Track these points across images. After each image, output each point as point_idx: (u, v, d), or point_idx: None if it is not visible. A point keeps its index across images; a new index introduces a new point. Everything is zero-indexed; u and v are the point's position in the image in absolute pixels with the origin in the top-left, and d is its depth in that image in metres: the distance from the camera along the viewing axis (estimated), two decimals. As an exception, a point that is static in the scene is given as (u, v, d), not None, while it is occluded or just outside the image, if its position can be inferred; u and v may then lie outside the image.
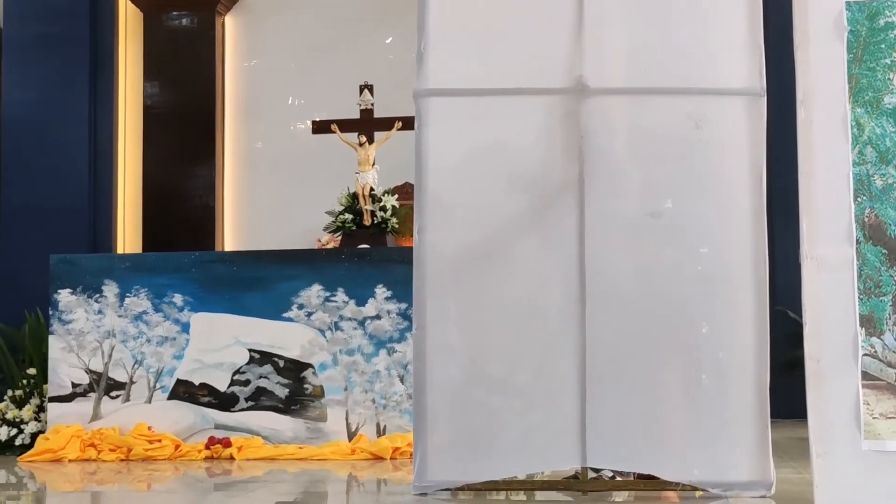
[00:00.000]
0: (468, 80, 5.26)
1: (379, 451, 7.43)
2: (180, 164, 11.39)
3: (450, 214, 5.23)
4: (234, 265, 8.02)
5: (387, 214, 9.15)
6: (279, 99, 11.62)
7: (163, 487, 6.47)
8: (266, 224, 11.40)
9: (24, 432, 8.07)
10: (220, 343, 7.88)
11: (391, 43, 11.45)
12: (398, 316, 7.70)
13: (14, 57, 11.28)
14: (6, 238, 11.07)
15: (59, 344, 8.00)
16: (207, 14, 11.49)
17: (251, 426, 7.77)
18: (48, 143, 11.05)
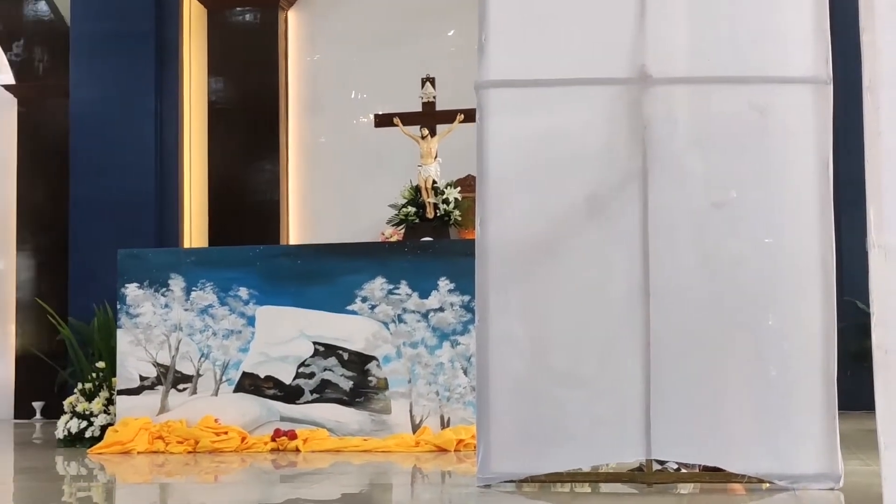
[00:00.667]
0: (530, 71, 5.23)
1: (443, 443, 7.44)
2: (245, 158, 11.48)
3: (512, 205, 5.21)
4: (298, 259, 8.07)
5: (449, 207, 9.14)
6: (342, 93, 11.67)
7: (229, 479, 6.53)
8: (329, 218, 11.47)
9: (93, 425, 8.18)
10: (285, 336, 7.93)
11: (453, 35, 11.45)
12: (461, 308, 7.70)
13: (81, 55, 11.44)
14: (75, 233, 11.23)
15: (128, 338, 8.10)
16: (270, 9, 11.56)
17: (316, 418, 7.81)
18: (115, 139, 11.20)
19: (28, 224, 12.02)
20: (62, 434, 8.26)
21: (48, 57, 12.11)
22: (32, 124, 12.11)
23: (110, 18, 11.34)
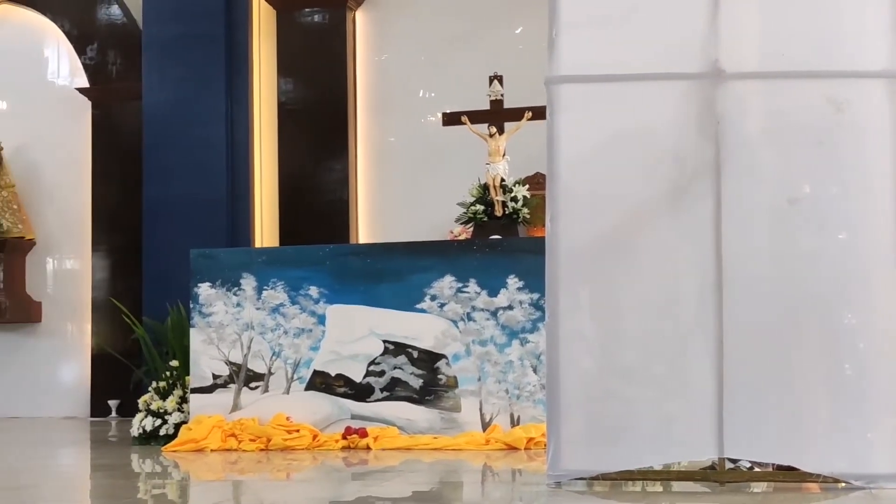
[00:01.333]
0: (600, 67, 5.20)
1: (513, 441, 7.44)
2: (314, 158, 11.56)
3: (582, 202, 5.18)
4: (367, 257, 8.11)
5: (518, 205, 9.13)
6: (410, 92, 11.71)
7: (301, 477, 6.57)
8: (398, 216, 11.51)
9: (167, 423, 8.28)
10: (355, 334, 7.97)
11: (521, 33, 11.44)
12: (530, 306, 7.69)
13: (153, 58, 11.59)
14: (149, 234, 11.38)
15: (200, 336, 8.19)
16: (339, 10, 11.63)
17: (386, 416, 7.84)
18: (187, 140, 11.33)
19: (103, 225, 12.19)
20: (137, 432, 8.36)
21: (121, 60, 12.28)
22: (106, 127, 12.27)
23: (181, 21, 11.47)
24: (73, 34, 12.49)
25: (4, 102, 12.77)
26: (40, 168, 12.58)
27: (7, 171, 12.40)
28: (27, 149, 12.57)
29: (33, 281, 12.53)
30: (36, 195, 12.57)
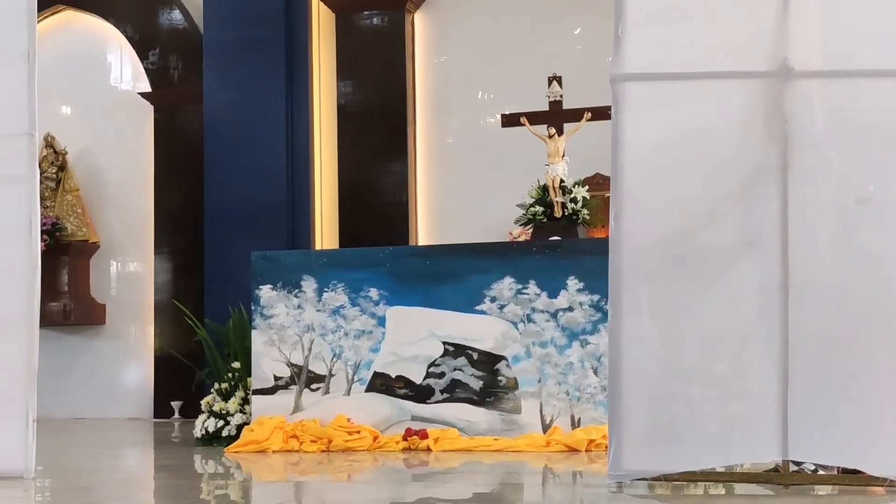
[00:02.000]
0: (666, 65, 5.15)
1: (574, 443, 7.41)
2: (374, 160, 11.59)
3: (646, 202, 5.15)
4: (427, 259, 8.12)
5: (578, 206, 9.10)
6: (469, 94, 11.72)
7: (362, 478, 6.60)
8: (457, 218, 11.52)
9: (230, 424, 8.34)
10: (415, 336, 7.98)
11: (579, 33, 11.41)
12: (591, 308, 7.66)
13: (214, 61, 11.69)
14: (210, 236, 11.47)
15: (262, 338, 8.25)
16: (397, 12, 11.66)
17: (447, 418, 7.85)
18: (248, 143, 11.41)
19: (165, 228, 12.31)
20: (200, 433, 8.44)
21: (182, 64, 12.40)
22: (168, 130, 12.40)
23: (242, 25, 11.56)
24: (135, 39, 12.63)
25: (69, 107, 12.94)
26: (104, 172, 12.74)
27: (71, 176, 12.57)
28: (91, 153, 12.73)
29: (97, 284, 12.69)
30: (100, 199, 12.73)
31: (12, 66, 6.39)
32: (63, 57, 12.57)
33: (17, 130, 6.37)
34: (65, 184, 12.51)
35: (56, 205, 12.37)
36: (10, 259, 6.32)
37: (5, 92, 6.41)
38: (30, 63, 6.38)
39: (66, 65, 12.62)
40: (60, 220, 12.30)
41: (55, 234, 12.08)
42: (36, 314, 6.29)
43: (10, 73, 6.39)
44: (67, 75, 12.61)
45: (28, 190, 6.35)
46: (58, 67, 12.19)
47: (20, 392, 6.23)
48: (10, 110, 6.39)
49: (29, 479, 6.17)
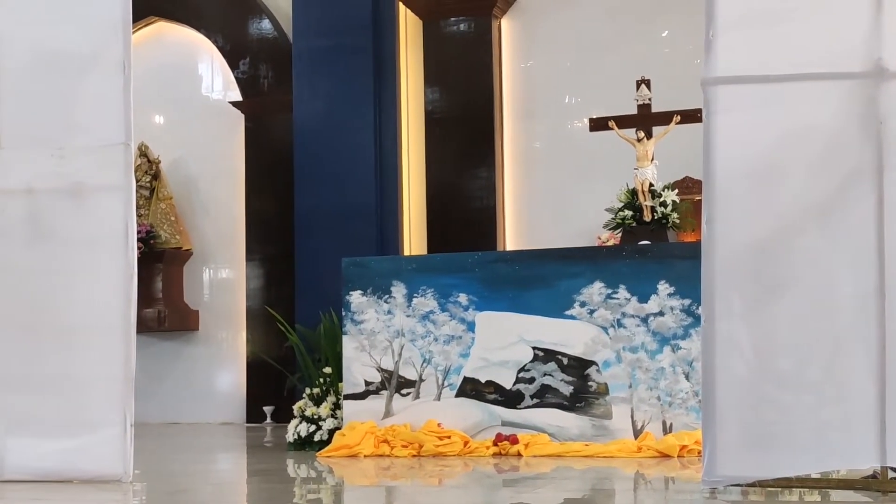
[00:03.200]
0: (758, 67, 5.10)
1: (665, 448, 7.36)
2: (461, 166, 11.62)
3: (738, 205, 5.11)
4: (516, 264, 8.12)
5: (667, 210, 9.03)
6: (556, 98, 11.69)
7: (453, 483, 6.62)
8: (545, 222, 11.49)
9: (321, 429, 8.41)
10: (504, 341, 7.98)
11: (667, 36, 11.32)
12: (682, 312, 7.60)
13: (303, 70, 11.80)
14: (301, 243, 11.58)
15: (352, 343, 8.32)
16: (484, 18, 11.67)
17: (537, 423, 7.84)
18: (337, 151, 11.50)
19: (256, 235, 12.46)
20: (292, 437, 8.52)
21: (272, 73, 12.53)
22: (258, 139, 12.54)
23: (330, 34, 11.66)
24: (226, 49, 12.80)
25: (162, 117, 13.17)
26: (196, 180, 12.92)
27: (165, 184, 12.77)
28: (184, 162, 12.93)
29: (190, 290, 12.88)
30: (192, 207, 12.92)
31: (108, 77, 6.53)
32: (156, 67, 12.78)
33: (114, 140, 6.50)
34: (158, 192, 12.71)
35: (150, 213, 12.58)
36: (108, 267, 6.46)
37: (102, 103, 6.55)
38: (125, 74, 6.51)
39: (159, 75, 12.83)
40: (154, 228, 12.50)
41: (150, 242, 12.28)
42: (133, 321, 6.41)
43: (107, 83, 6.53)
44: (160, 85, 12.81)
45: (124, 199, 6.48)
46: (151, 78, 12.38)
47: (118, 397, 6.35)
48: (106, 121, 6.52)
49: (127, 482, 6.29)
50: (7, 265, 6.64)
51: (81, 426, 6.43)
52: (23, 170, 6.67)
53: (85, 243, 6.57)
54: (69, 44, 6.67)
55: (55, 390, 6.50)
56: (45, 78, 6.72)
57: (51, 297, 6.58)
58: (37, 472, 6.46)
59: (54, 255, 6.62)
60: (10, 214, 6.68)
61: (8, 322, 6.60)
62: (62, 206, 6.63)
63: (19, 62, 6.72)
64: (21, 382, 6.55)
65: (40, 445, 6.48)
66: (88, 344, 6.47)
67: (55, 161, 6.62)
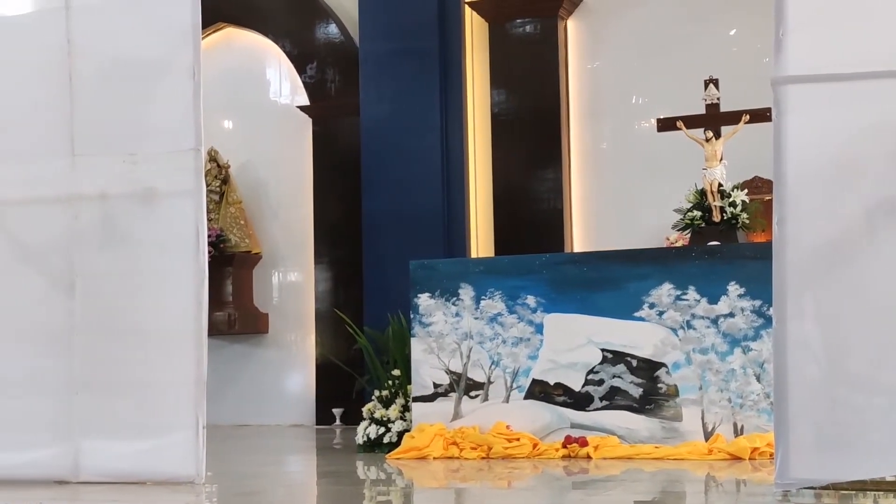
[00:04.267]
0: (829, 65, 5.04)
1: (737, 451, 7.29)
2: (528, 168, 11.60)
3: (810, 205, 5.05)
4: (584, 266, 8.10)
5: (737, 210, 8.94)
6: (623, 98, 11.63)
7: (522, 485, 6.61)
8: (613, 224, 11.44)
9: (390, 431, 8.45)
10: (573, 343, 7.96)
11: (735, 35, 11.22)
12: (752, 313, 7.53)
13: (370, 74, 11.85)
14: (368, 246, 11.63)
15: (421, 346, 8.34)
16: (550, 19, 11.65)
17: (606, 425, 7.81)
18: (404, 153, 11.54)
19: (324, 238, 12.53)
20: (362, 439, 8.56)
21: (339, 77, 12.60)
22: (326, 143, 12.61)
23: (396, 37, 11.70)
24: (293, 54, 12.90)
25: (230, 122, 13.29)
26: (265, 184, 13.03)
27: (234, 188, 12.89)
28: (252, 166, 13.04)
29: (260, 293, 12.98)
30: (261, 211, 13.02)
31: (179, 83, 6.61)
32: (225, 73, 12.90)
33: (184, 146, 6.59)
34: (228, 196, 12.83)
35: (220, 217, 12.70)
36: (179, 271, 6.54)
37: (173, 108, 6.63)
38: (195, 80, 6.59)
39: (228, 80, 12.95)
40: (224, 232, 12.62)
41: (219, 246, 12.40)
42: (204, 324, 6.48)
43: (177, 89, 6.61)
44: (229, 91, 12.93)
45: (195, 203, 6.56)
46: (220, 83, 12.50)
47: (191, 400, 6.43)
48: (177, 126, 6.61)
49: (199, 484, 6.36)
50: (81, 270, 6.76)
51: (155, 428, 6.52)
52: (96, 175, 6.78)
53: (157, 248, 6.66)
54: (140, 50, 6.77)
55: (129, 393, 6.60)
56: (117, 85, 6.82)
57: (124, 301, 6.68)
58: (111, 473, 6.56)
59: (127, 260, 6.73)
60: (84, 220, 6.79)
61: (83, 326, 6.71)
62: (135, 211, 6.72)
63: (92, 69, 6.84)
64: (96, 385, 6.66)
65: (115, 448, 6.58)
66: (161, 347, 6.56)
67: (128, 167, 6.72)
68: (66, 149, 6.81)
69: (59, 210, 6.82)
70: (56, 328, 6.76)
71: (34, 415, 6.77)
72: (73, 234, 6.79)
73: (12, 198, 6.92)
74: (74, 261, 6.77)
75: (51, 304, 6.79)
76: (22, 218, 6.92)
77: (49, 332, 6.78)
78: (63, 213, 6.81)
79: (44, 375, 6.77)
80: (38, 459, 6.71)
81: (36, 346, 6.81)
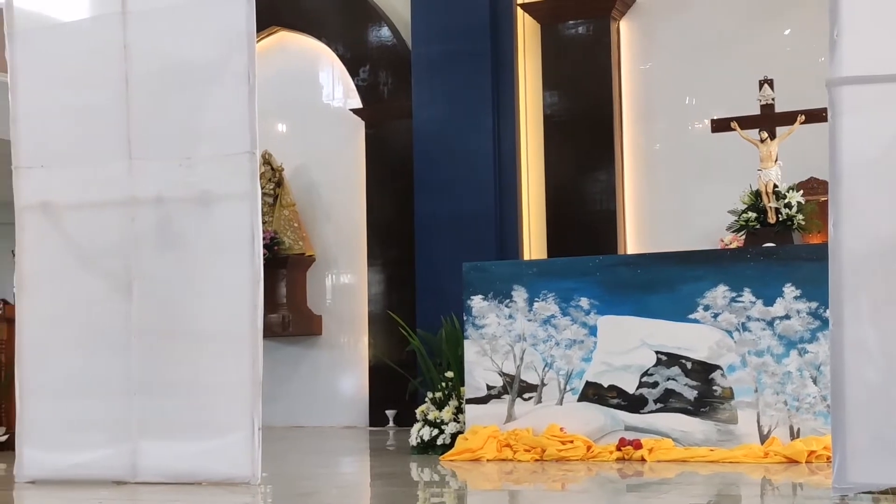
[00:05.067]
0: (885, 66, 4.99)
1: (793, 454, 7.23)
2: (580, 169, 11.58)
3: (866, 207, 5.00)
4: (637, 268, 8.06)
5: (792, 211, 8.87)
6: (676, 99, 11.58)
7: (577, 488, 6.60)
8: (667, 225, 11.39)
9: (444, 433, 8.45)
10: (626, 345, 7.93)
11: (789, 35, 11.13)
12: (809, 315, 7.46)
13: (422, 76, 11.89)
14: (421, 248, 11.66)
15: (474, 348, 8.34)
16: (602, 20, 11.62)
17: (660, 428, 7.77)
18: (456, 156, 11.56)
19: (377, 240, 12.58)
20: (415, 441, 8.58)
21: (391, 80, 12.65)
22: (379, 145, 12.66)
23: (448, 40, 11.72)
24: (346, 57, 12.96)
25: (284, 125, 13.38)
26: (318, 187, 13.11)
27: (288, 191, 12.97)
28: (306, 169, 13.12)
29: (313, 295, 13.06)
30: (314, 213, 13.10)
31: (234, 87, 6.66)
32: (278, 76, 12.99)
33: (240, 149, 6.63)
34: (282, 199, 12.92)
35: (274, 220, 12.78)
36: (235, 273, 6.59)
37: (227, 112, 6.69)
38: (250, 84, 6.63)
39: (281, 84, 13.04)
40: (278, 234, 12.71)
41: (273, 249, 12.48)
42: (259, 326, 6.52)
43: (232, 93, 6.66)
44: (282, 94, 13.02)
45: (250, 206, 6.60)
46: (273, 86, 12.58)
47: (246, 401, 6.47)
48: (232, 130, 6.66)
49: (255, 484, 6.40)
50: (138, 272, 6.83)
51: (211, 429, 6.57)
52: (152, 179, 6.84)
53: (212, 250, 6.72)
54: (195, 55, 6.83)
55: (186, 394, 6.66)
56: (172, 89, 6.89)
57: (180, 303, 6.74)
58: (169, 474, 6.63)
59: (183, 262, 6.79)
60: (140, 223, 6.86)
61: (140, 328, 6.78)
62: (190, 214, 6.78)
63: (148, 74, 6.91)
64: (154, 387, 6.73)
65: (172, 448, 6.65)
66: (217, 349, 6.62)
67: (183, 170, 6.78)
68: (124, 153, 6.89)
69: (116, 213, 6.90)
70: (114, 330, 6.84)
71: (93, 416, 6.86)
72: (130, 237, 6.87)
73: (71, 201, 7.01)
74: (131, 263, 6.85)
75: (109, 306, 6.87)
76: (80, 221, 7.01)
77: (107, 334, 6.86)
78: (120, 216, 6.89)
79: (102, 377, 6.85)
80: (98, 460, 6.79)
81: (95, 347, 6.89)
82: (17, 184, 7.15)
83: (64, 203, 7.03)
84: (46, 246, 7.07)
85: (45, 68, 7.16)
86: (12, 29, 7.19)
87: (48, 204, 7.06)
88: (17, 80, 7.17)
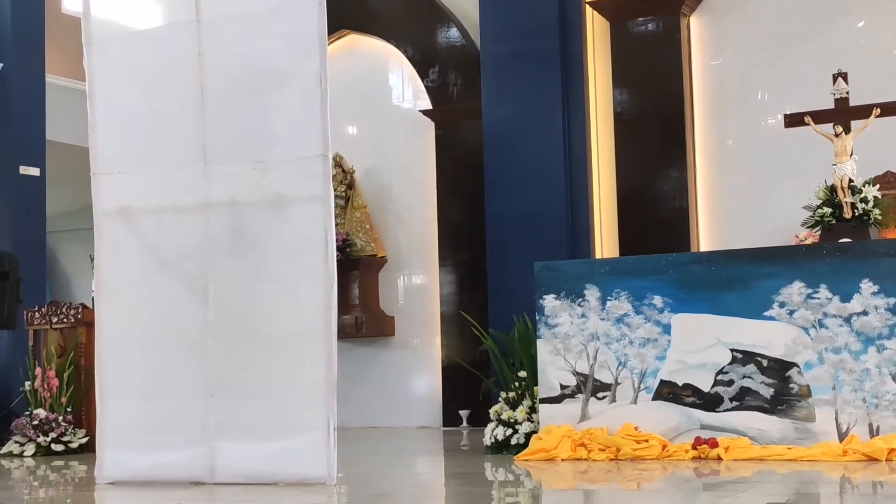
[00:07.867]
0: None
1: (872, 452, 7.13)
2: (652, 167, 11.51)
3: (944, 201, 4.95)
4: (711, 265, 8.00)
5: (868, 206, 8.74)
6: (748, 95, 11.47)
7: (652, 487, 6.57)
8: (740, 222, 11.28)
9: (518, 432, 8.46)
10: (701, 343, 7.87)
11: (863, 27, 10.98)
12: (887, 311, 7.36)
13: (491, 76, 11.89)
14: (492, 248, 11.66)
15: (547, 347, 8.34)
16: (672, 17, 11.54)
17: (736, 426, 7.70)
18: (526, 155, 11.54)
19: (448, 240, 12.62)
20: (489, 441, 8.60)
21: (461, 81, 12.68)
22: (449, 146, 12.70)
23: (517, 39, 11.71)
24: (415, 59, 13.02)
25: (355, 127, 13.47)
26: (389, 189, 13.18)
27: (359, 193, 13.06)
28: (377, 171, 13.20)
29: (386, 296, 13.13)
30: (386, 215, 13.17)
31: (306, 91, 6.73)
32: (348, 79, 13.09)
33: (313, 152, 6.70)
34: (353, 201, 13.01)
35: (345, 222, 12.87)
36: (308, 275, 6.66)
37: (300, 116, 6.76)
38: (322, 87, 6.70)
39: (352, 86, 13.13)
40: (350, 236, 12.79)
41: (346, 250, 12.57)
42: (334, 327, 6.58)
43: (304, 97, 6.74)
44: (353, 96, 13.12)
45: (324, 208, 6.67)
46: (344, 89, 12.67)
47: (322, 402, 6.54)
48: (304, 133, 6.73)
49: (331, 485, 6.46)
50: (214, 275, 6.93)
51: (287, 430, 6.64)
52: (226, 183, 6.94)
53: (286, 253, 6.79)
54: (268, 60, 6.92)
55: (261, 395, 6.74)
56: (245, 94, 6.98)
57: (256, 305, 6.83)
58: (245, 474, 6.71)
59: (257, 265, 6.87)
60: (215, 226, 6.96)
61: (217, 330, 6.88)
62: (264, 217, 6.87)
63: (222, 80, 7.00)
64: (230, 388, 6.82)
65: (249, 449, 6.73)
66: (292, 350, 6.69)
67: (257, 174, 6.87)
68: (199, 158, 7.00)
69: (192, 217, 7.01)
70: (191, 332, 6.94)
71: (171, 417, 6.96)
72: (205, 240, 6.97)
73: (148, 206, 7.13)
74: (207, 266, 6.95)
75: (186, 308, 6.98)
76: (157, 226, 7.13)
77: (184, 337, 6.96)
78: (196, 220, 6.99)
79: (180, 379, 6.96)
80: (176, 461, 6.89)
81: (172, 350, 7.00)
82: (95, 190, 7.29)
83: (141, 208, 7.16)
84: (124, 250, 7.20)
85: (121, 76, 7.30)
86: (90, 38, 7.33)
87: (126, 209, 7.19)
88: (95, 87, 7.31)
